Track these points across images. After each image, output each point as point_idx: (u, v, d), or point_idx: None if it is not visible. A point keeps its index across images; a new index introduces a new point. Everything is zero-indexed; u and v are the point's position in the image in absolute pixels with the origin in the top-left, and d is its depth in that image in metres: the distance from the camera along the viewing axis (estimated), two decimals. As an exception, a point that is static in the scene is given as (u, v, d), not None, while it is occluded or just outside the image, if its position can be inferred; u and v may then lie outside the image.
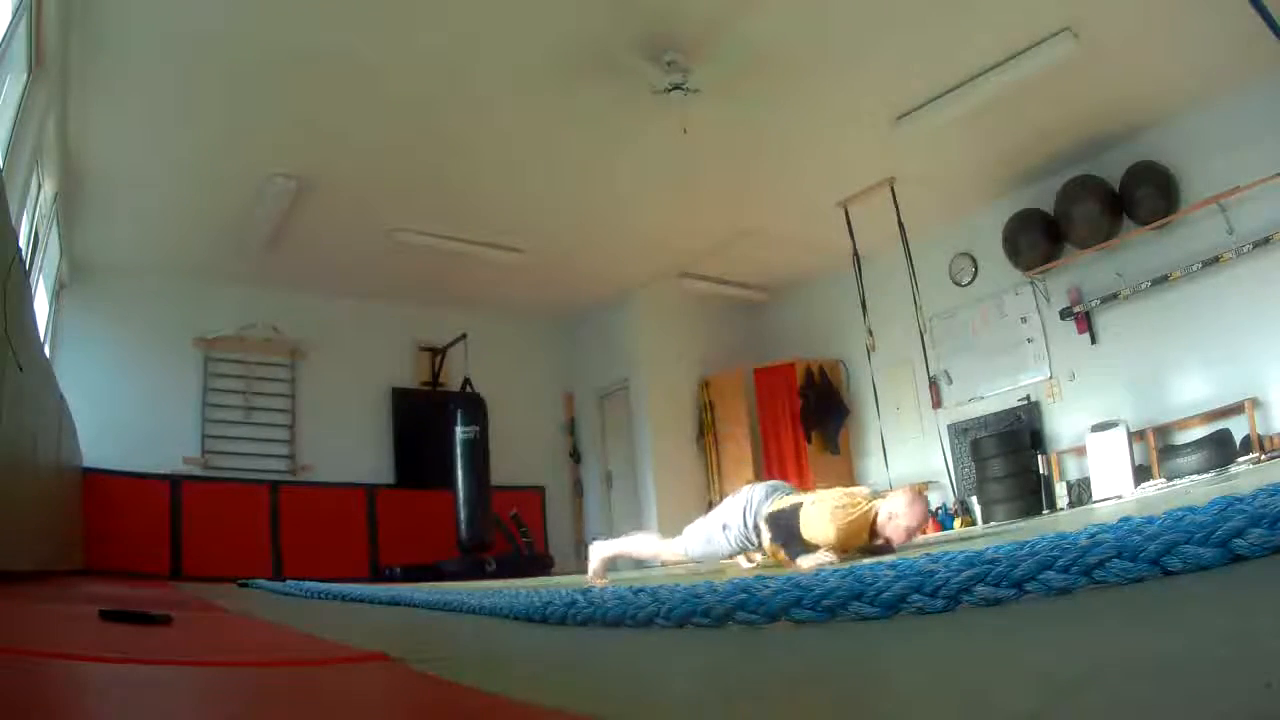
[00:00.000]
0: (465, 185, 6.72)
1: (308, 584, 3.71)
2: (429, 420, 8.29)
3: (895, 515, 3.11)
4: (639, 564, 8.26)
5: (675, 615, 1.16)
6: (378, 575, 7.55)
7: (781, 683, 0.81)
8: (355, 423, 8.48)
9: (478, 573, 7.16)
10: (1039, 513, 6.47)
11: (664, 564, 3.94)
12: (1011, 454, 6.78)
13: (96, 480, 6.46)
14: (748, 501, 3.42)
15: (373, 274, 8.17)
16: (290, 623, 2.05)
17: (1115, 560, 0.90)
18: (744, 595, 1.12)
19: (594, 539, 3.93)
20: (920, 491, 3.30)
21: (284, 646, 1.55)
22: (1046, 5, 5.04)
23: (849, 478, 8.47)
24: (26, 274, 3.69)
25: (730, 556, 3.51)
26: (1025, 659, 0.71)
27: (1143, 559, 0.88)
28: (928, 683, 0.70)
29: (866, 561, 1.94)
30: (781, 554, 3.18)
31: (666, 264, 8.55)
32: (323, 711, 0.83)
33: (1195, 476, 5.45)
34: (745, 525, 3.38)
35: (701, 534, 3.54)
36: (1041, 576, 0.93)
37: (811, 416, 8.43)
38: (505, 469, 8.30)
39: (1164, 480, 5.79)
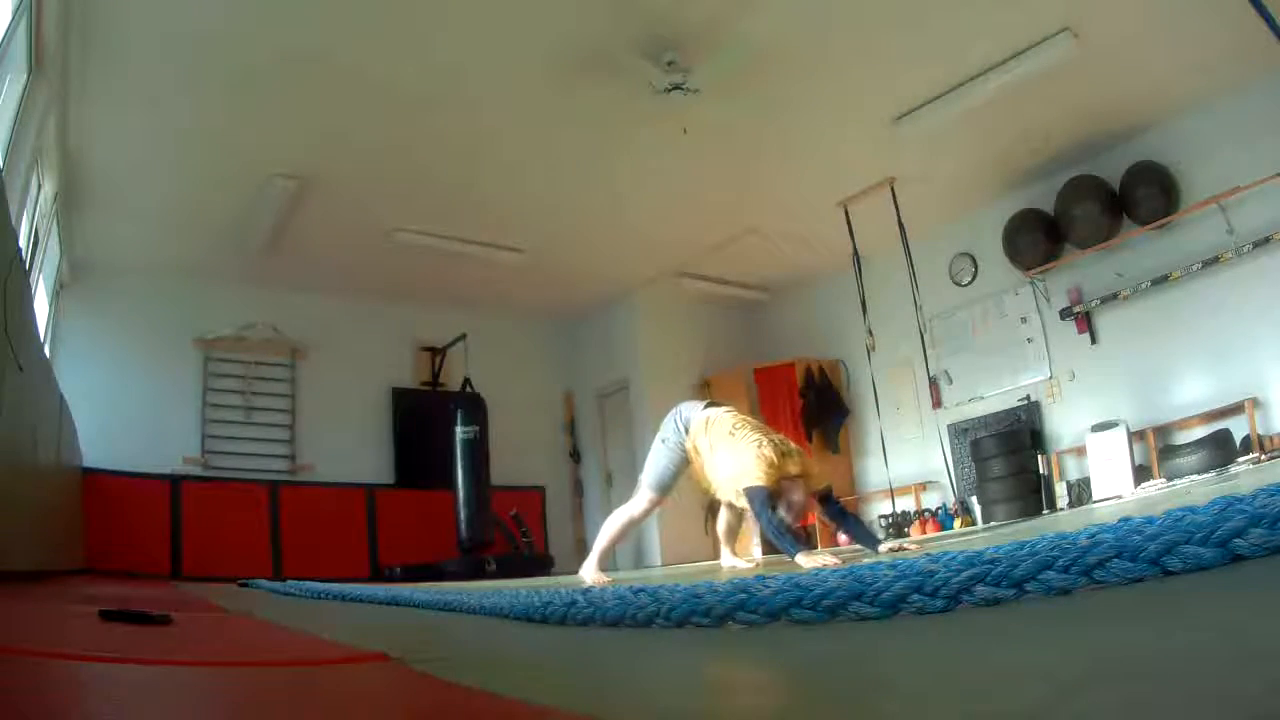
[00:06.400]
0: (465, 185, 6.72)
1: (308, 584, 3.71)
2: (429, 420, 8.28)
3: (786, 494, 3.31)
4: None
5: (675, 615, 1.16)
6: (378, 575, 7.55)
7: (781, 683, 0.81)
8: (355, 422, 8.47)
9: (478, 573, 7.16)
10: (1039, 513, 6.47)
11: (640, 518, 4.00)
12: (1011, 454, 6.78)
13: (96, 480, 6.46)
14: (676, 413, 3.81)
15: (373, 274, 8.17)
16: (290, 623, 2.05)
17: (1115, 560, 0.90)
18: (744, 595, 1.12)
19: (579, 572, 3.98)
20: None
21: (284, 646, 1.55)
22: (1046, 5, 5.04)
23: (849, 477, 8.49)
24: (26, 274, 3.69)
25: (678, 468, 3.76)
26: (1025, 659, 0.71)
27: (1143, 559, 0.88)
28: (928, 683, 0.70)
29: (866, 561, 1.95)
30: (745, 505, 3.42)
31: (666, 264, 8.55)
32: (323, 711, 0.83)
33: (1195, 476, 5.44)
34: (680, 431, 3.72)
35: (650, 466, 3.82)
36: (1041, 576, 0.93)
37: (812, 416, 8.44)
38: (505, 469, 8.30)
39: (1164, 480, 5.78)
